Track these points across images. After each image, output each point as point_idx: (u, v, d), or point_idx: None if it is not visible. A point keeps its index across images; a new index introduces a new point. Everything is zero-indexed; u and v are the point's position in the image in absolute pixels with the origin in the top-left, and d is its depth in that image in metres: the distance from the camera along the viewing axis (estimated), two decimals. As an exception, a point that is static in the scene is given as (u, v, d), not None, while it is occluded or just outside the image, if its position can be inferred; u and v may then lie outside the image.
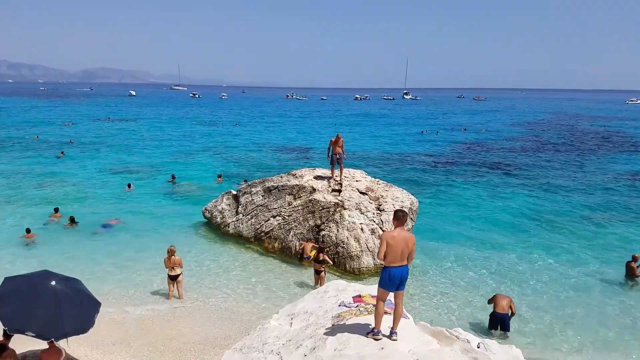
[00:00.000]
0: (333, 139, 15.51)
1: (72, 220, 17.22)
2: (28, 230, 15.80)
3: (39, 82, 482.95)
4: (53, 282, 6.01)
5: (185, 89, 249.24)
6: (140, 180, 25.83)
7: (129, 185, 23.71)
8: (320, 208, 14.88)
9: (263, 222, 15.79)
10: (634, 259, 13.43)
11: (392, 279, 6.56)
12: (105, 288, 11.88)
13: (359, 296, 8.14)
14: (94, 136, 45.06)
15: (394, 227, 6.65)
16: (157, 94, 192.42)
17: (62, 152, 33.12)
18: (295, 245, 14.67)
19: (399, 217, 6.57)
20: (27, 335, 5.55)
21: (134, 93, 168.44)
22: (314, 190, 15.66)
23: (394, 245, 6.38)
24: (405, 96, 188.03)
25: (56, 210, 18.13)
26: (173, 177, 25.64)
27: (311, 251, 13.54)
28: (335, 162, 15.69)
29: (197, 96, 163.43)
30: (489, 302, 10.77)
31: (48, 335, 5.67)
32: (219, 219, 17.03)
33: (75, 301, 6.04)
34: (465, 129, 59.27)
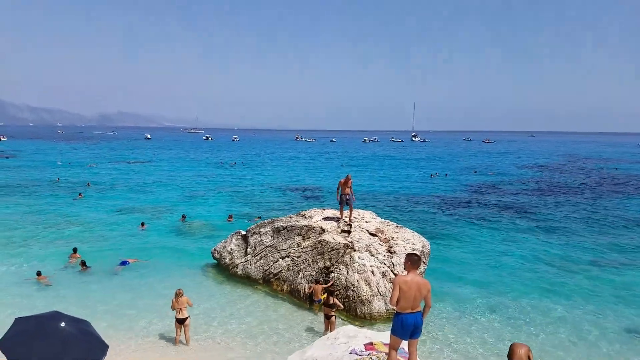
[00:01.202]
0: (342, 180, 15.48)
1: (84, 264, 17.09)
2: (39, 273, 15.77)
3: (58, 126, 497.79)
4: (62, 324, 6.04)
5: (202, 131, 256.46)
6: (154, 220, 25.98)
7: (142, 224, 24.00)
8: (330, 249, 14.66)
9: (272, 263, 15.56)
10: None
11: (405, 326, 6.34)
12: (111, 331, 11.64)
13: (371, 344, 7.84)
14: (111, 178, 45.74)
15: (406, 271, 6.47)
16: (171, 137, 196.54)
17: (79, 194, 33.62)
18: (304, 288, 14.35)
19: (414, 260, 6.40)
20: None
21: (149, 136, 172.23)
22: (323, 231, 15.49)
23: (407, 291, 6.19)
24: (413, 138, 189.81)
25: (75, 250, 18.19)
26: (183, 216, 25.89)
27: (322, 294, 13.16)
28: (344, 202, 15.61)
29: (209, 139, 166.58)
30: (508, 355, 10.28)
31: None
32: (227, 260, 16.84)
33: (83, 343, 6.04)
34: (475, 172, 59.10)
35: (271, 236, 16.29)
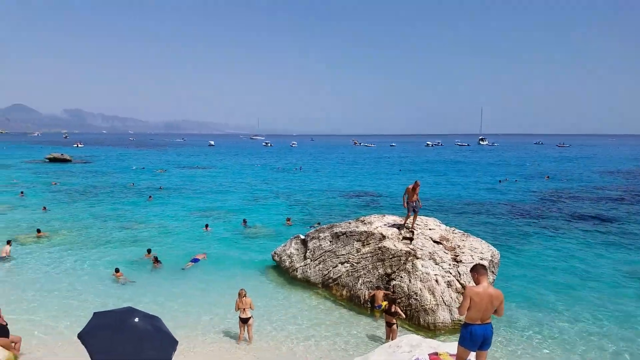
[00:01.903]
0: (410, 186, 15.01)
1: (156, 260, 18.15)
2: (117, 270, 16.83)
3: (129, 133, 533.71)
4: (136, 319, 6.21)
5: (263, 137, 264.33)
6: (217, 222, 26.86)
7: (206, 226, 24.86)
8: (391, 256, 14.32)
9: (331, 268, 15.47)
10: None
11: (474, 337, 6.10)
12: (178, 327, 12.02)
13: (436, 354, 7.50)
14: (178, 182, 47.91)
15: (475, 282, 6.23)
16: (232, 143, 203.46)
17: (150, 197, 35.71)
18: (364, 294, 14.11)
19: (480, 271, 6.26)
20: None
21: (212, 143, 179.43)
22: (383, 237, 15.18)
23: (479, 302, 6.01)
24: (481, 142, 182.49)
25: (149, 251, 19.26)
26: (245, 221, 26.56)
27: (383, 300, 12.81)
28: (411, 209, 15.15)
29: (269, 145, 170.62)
30: None
31: None
32: (287, 263, 16.97)
33: (156, 338, 6.20)
34: (548, 177, 55.62)
35: (330, 241, 16.22)
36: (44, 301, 14.21)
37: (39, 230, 22.58)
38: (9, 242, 19.40)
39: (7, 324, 10.33)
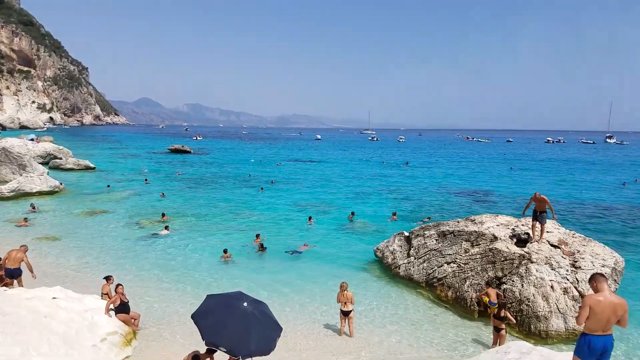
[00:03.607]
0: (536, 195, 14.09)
1: (262, 247, 19.48)
2: (225, 251, 18.44)
3: (243, 127, 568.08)
4: (245, 304, 6.55)
5: (374, 132, 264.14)
6: (322, 215, 27.61)
7: (310, 219, 25.67)
8: (502, 259, 13.59)
9: (436, 268, 15.15)
10: None
11: (592, 349, 5.69)
12: (281, 314, 12.58)
13: (548, 364, 7.05)
14: (288, 175, 50.00)
15: (594, 291, 5.82)
16: (340, 137, 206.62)
17: (261, 188, 37.94)
18: (471, 297, 13.57)
19: (602, 280, 5.86)
20: (219, 349, 6.18)
21: (319, 137, 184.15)
22: (495, 238, 14.45)
23: (600, 313, 5.59)
24: (608, 140, 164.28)
25: (257, 236, 20.77)
26: (352, 214, 26.87)
27: (496, 298, 12.20)
28: (536, 219, 14.06)
29: (375, 139, 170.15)
30: None
31: (236, 353, 6.09)
32: (390, 260, 16.98)
33: (262, 323, 6.46)
34: None
35: (436, 240, 15.87)
36: (159, 281, 15.61)
37: (163, 214, 25.26)
38: (166, 227, 22.21)
39: (128, 301, 11.20)
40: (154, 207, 28.43)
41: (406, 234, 17.34)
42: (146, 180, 40.74)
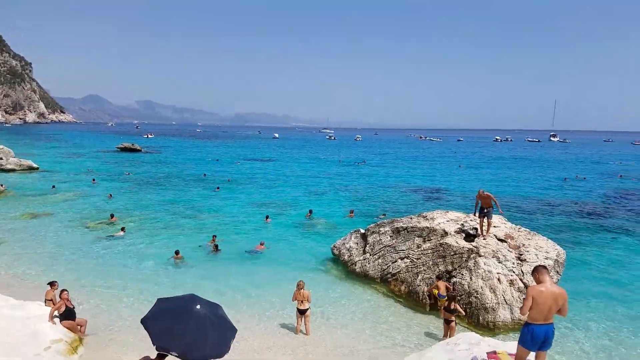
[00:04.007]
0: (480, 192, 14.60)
1: (216, 248, 19.17)
2: (177, 252, 17.96)
3: (198, 125, 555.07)
4: (198, 306, 6.34)
5: (332, 131, 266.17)
6: (278, 214, 27.50)
7: (267, 218, 25.58)
8: (452, 253, 14.06)
9: (390, 263, 15.46)
10: None
11: (534, 337, 6.00)
12: (236, 315, 12.30)
13: (495, 353, 7.37)
14: (244, 174, 49.35)
15: (537, 282, 6.15)
16: (298, 136, 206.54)
17: (217, 187, 37.19)
18: (423, 290, 13.95)
19: (544, 272, 6.18)
20: (171, 354, 6.00)
21: (277, 135, 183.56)
22: (445, 233, 14.93)
23: (542, 303, 5.90)
24: (552, 138, 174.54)
25: (214, 237, 20.28)
26: (310, 212, 26.97)
27: (446, 291, 12.59)
28: (482, 214, 14.58)
29: (333, 138, 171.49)
30: None
31: (188, 357, 5.90)
32: (346, 257, 17.16)
33: (216, 326, 6.30)
34: (621, 176, 51.86)
35: (390, 236, 16.19)
36: (108, 285, 15.03)
37: (112, 215, 24.33)
38: (122, 229, 21.49)
39: (74, 307, 10.79)
40: (102, 209, 27.38)
41: (362, 231, 17.59)
42: (94, 180, 39.25)
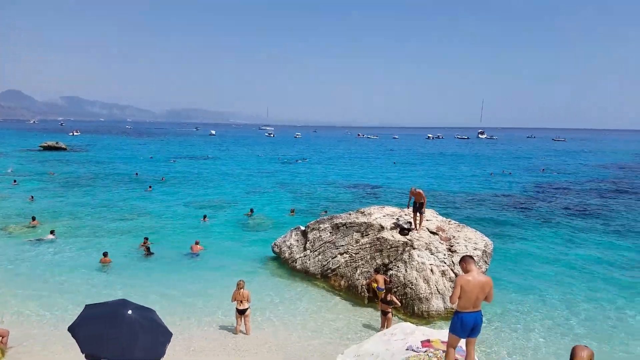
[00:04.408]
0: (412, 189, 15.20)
1: (148, 250, 18.36)
2: (105, 254, 17.03)
3: (127, 121, 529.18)
4: (129, 311, 6.14)
5: (272, 128, 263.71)
6: (216, 213, 26.98)
7: (204, 217, 24.97)
8: (389, 247, 14.55)
9: (330, 259, 15.70)
10: None
11: (464, 325, 6.30)
12: (173, 318, 11.97)
13: (428, 341, 7.74)
14: (180, 172, 47.90)
15: (464, 271, 6.44)
16: (237, 133, 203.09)
17: (149, 187, 35.66)
18: (362, 284, 14.34)
19: (470, 262, 6.47)
20: None
21: (214, 132, 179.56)
22: (382, 228, 15.40)
23: (469, 291, 6.18)
24: (480, 135, 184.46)
25: (145, 239, 19.38)
26: (251, 210, 26.61)
27: (384, 284, 13.00)
28: (415, 210, 15.18)
29: (272, 136, 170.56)
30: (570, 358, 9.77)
31: None
32: (287, 255, 17.20)
33: (149, 330, 6.13)
34: (543, 170, 56.26)
35: (330, 232, 16.43)
36: (33, 292, 14.06)
37: (33, 218, 22.72)
38: (52, 232, 20.16)
39: None
40: (23, 211, 25.47)
41: (302, 228, 17.68)
42: (15, 181, 36.39)
